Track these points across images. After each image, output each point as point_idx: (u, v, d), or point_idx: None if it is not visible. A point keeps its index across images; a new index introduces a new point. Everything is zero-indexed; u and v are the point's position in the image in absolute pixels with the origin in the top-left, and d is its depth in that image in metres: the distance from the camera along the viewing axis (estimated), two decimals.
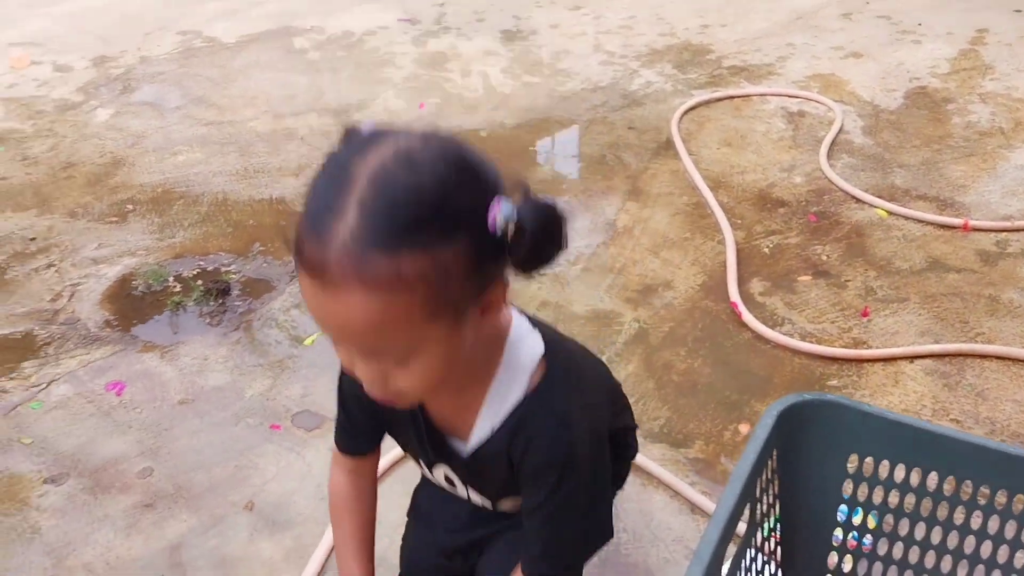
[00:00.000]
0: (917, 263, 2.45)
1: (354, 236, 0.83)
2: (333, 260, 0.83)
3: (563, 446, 1.06)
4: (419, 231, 0.84)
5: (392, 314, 0.86)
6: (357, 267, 0.83)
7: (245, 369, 2.21)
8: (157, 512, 1.82)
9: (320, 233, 0.84)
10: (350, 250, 0.83)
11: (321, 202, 0.86)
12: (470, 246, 0.87)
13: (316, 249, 0.85)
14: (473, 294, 0.91)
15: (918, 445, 1.31)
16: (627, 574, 1.65)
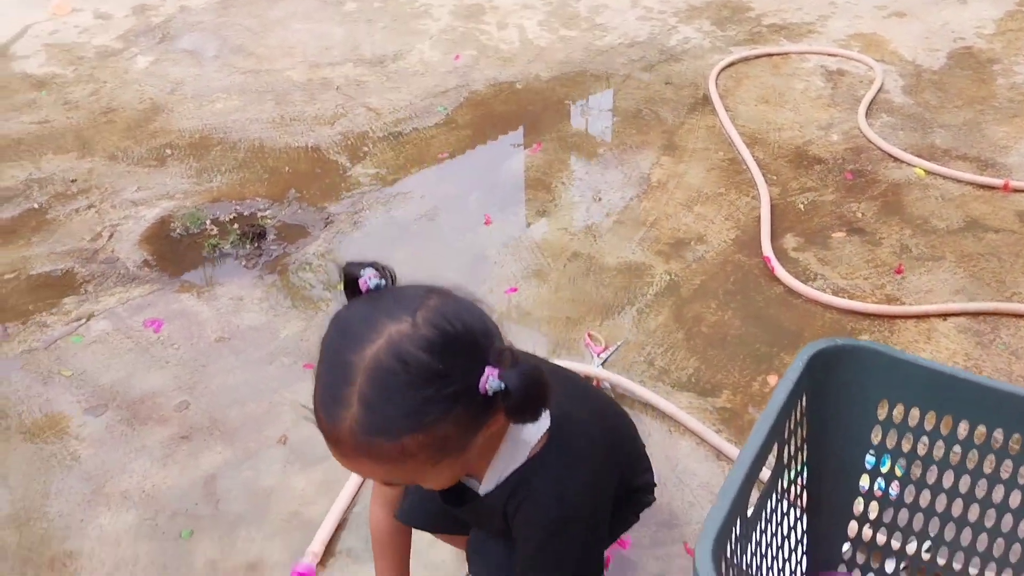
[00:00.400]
0: (955, 222, 2.43)
1: (361, 426, 0.96)
2: (344, 441, 0.98)
3: (552, 509, 1.15)
4: (416, 418, 0.96)
5: (401, 471, 1.01)
6: (365, 449, 0.97)
7: (280, 311, 2.24)
8: (193, 444, 1.87)
9: (330, 419, 0.98)
10: (358, 437, 0.97)
11: (328, 393, 0.99)
12: (464, 412, 0.99)
13: (329, 429, 0.99)
14: (474, 434, 1.02)
15: (950, 393, 1.31)
16: (650, 516, 1.67)
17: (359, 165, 2.78)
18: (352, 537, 1.65)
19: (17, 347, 2.15)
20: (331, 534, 1.64)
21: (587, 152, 2.87)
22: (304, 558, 1.58)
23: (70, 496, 1.76)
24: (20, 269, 2.42)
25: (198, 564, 1.62)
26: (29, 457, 1.85)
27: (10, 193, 2.76)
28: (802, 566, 1.46)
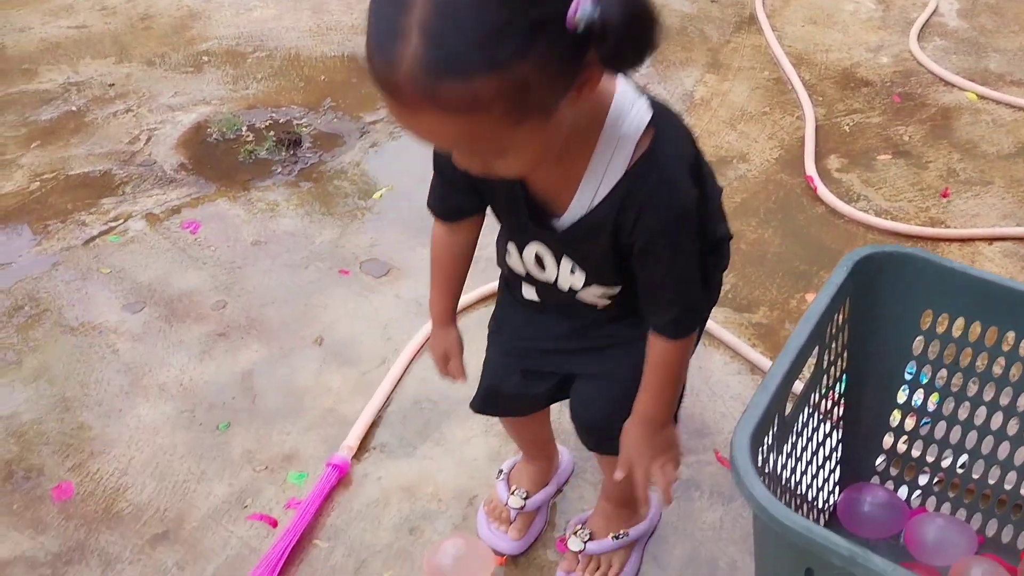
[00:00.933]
0: (1005, 147, 2.36)
1: (421, 64, 0.78)
2: (404, 85, 0.80)
3: (676, 210, 1.01)
4: (489, 51, 0.78)
5: (475, 131, 0.84)
6: (429, 95, 0.80)
7: (315, 217, 2.24)
8: (230, 341, 1.89)
9: (386, 58, 0.81)
10: (419, 78, 0.79)
11: (382, 28, 0.81)
12: (547, 53, 0.81)
13: (385, 72, 0.81)
14: (561, 91, 0.86)
15: (997, 303, 1.29)
16: (683, 425, 1.67)
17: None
18: (386, 434, 1.67)
19: (56, 244, 2.16)
20: (366, 430, 1.65)
21: None
22: (339, 451, 1.60)
23: (109, 387, 1.79)
24: (59, 170, 2.43)
25: (235, 454, 1.64)
26: (69, 349, 1.87)
27: (49, 96, 2.76)
28: (835, 475, 1.46)
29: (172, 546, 1.49)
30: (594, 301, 1.18)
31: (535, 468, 1.49)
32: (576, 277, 1.14)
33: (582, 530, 1.42)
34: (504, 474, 1.51)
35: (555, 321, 1.25)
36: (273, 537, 1.49)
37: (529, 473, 1.49)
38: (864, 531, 1.44)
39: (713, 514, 1.52)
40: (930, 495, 1.46)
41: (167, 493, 1.58)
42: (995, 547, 1.41)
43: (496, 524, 1.47)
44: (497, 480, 1.50)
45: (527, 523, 1.47)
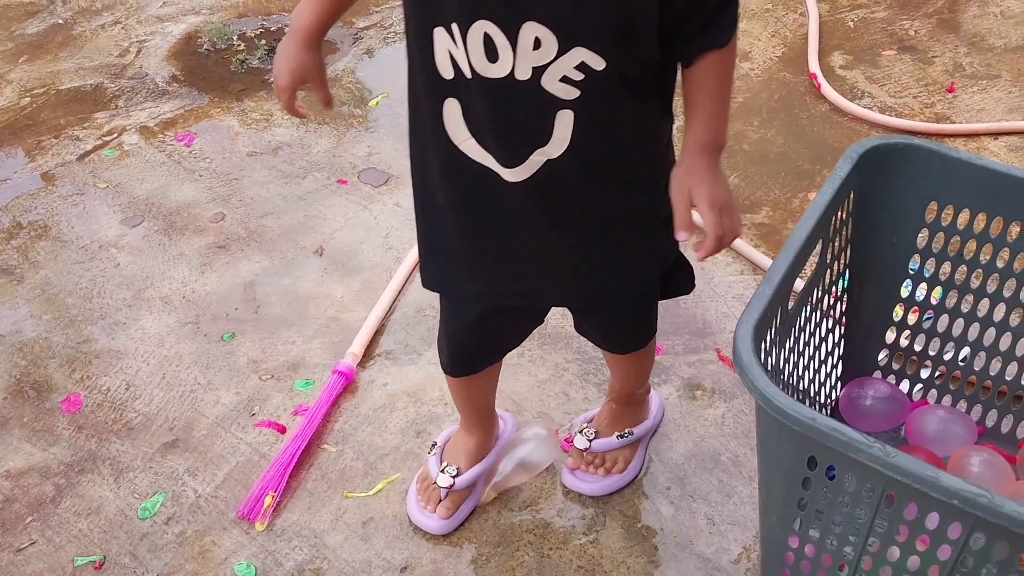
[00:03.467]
0: (1013, 40, 2.31)
1: None
2: None
3: None
4: None
5: None
6: None
7: (310, 127, 2.21)
8: (230, 253, 1.88)
9: None
10: None
11: None
12: None
13: None
14: None
15: (1004, 193, 1.27)
16: (683, 325, 1.68)
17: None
18: (390, 341, 1.67)
19: (52, 160, 2.14)
20: (370, 337, 1.66)
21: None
22: (344, 359, 1.61)
23: (112, 301, 1.79)
24: (49, 84, 2.39)
25: (241, 363, 1.66)
26: (69, 265, 1.87)
27: (34, 8, 2.70)
28: (837, 370, 1.47)
29: (183, 453, 1.51)
30: (560, 90, 0.95)
31: (472, 441, 1.39)
32: (544, 48, 0.92)
33: (588, 428, 1.43)
34: (438, 447, 1.41)
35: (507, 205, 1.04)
36: (282, 443, 1.51)
37: (465, 447, 1.39)
38: (866, 424, 1.45)
39: (715, 411, 1.54)
40: (931, 388, 1.48)
41: (175, 402, 1.60)
42: (994, 437, 1.43)
43: (425, 502, 1.38)
44: (429, 455, 1.41)
45: (457, 501, 1.38)
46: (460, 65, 0.95)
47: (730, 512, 1.39)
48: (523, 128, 0.98)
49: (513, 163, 1.00)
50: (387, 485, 1.45)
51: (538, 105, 0.96)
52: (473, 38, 0.93)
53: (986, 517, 0.89)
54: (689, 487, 1.43)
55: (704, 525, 1.38)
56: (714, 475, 1.44)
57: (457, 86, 0.97)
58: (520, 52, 0.92)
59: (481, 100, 0.97)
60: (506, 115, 0.97)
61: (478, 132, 1.00)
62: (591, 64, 0.93)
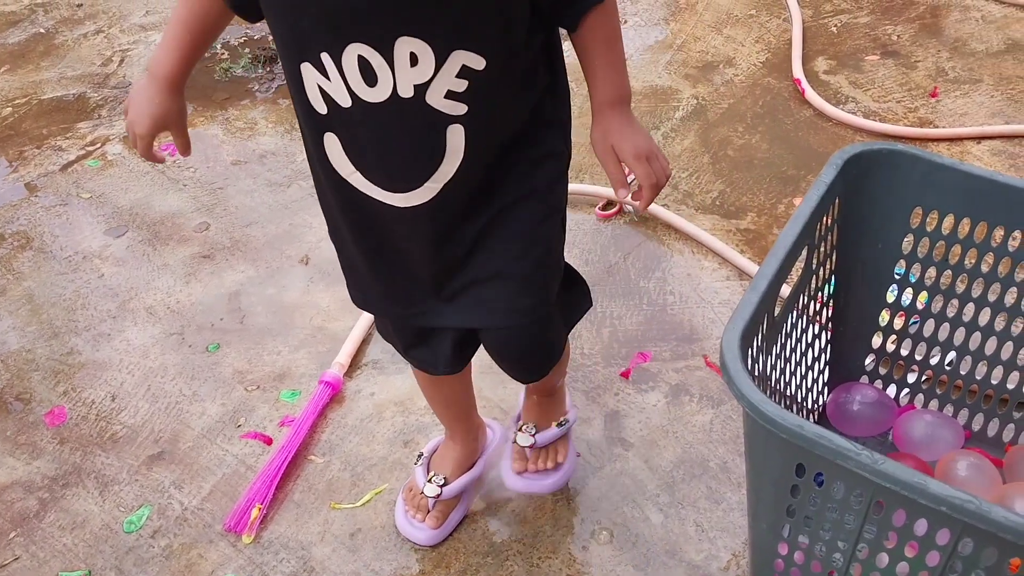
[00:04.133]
0: (995, 45, 2.33)
1: None
2: None
3: None
4: None
5: None
6: None
7: (295, 135, 2.20)
8: (215, 263, 1.87)
9: None
10: None
11: None
12: None
13: None
14: None
15: (986, 198, 1.27)
16: (670, 331, 1.68)
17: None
18: (377, 350, 1.67)
19: (34, 170, 2.13)
20: (356, 347, 1.65)
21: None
22: (331, 368, 1.60)
23: (96, 312, 1.78)
24: (32, 94, 2.37)
25: (226, 374, 1.64)
26: (53, 276, 1.86)
27: (15, 18, 2.68)
28: (824, 376, 1.47)
29: (168, 466, 1.50)
30: (447, 107, 0.94)
31: (458, 449, 1.38)
32: (422, 62, 0.90)
33: (526, 425, 1.39)
34: (424, 458, 1.39)
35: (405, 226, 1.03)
36: (268, 454, 1.50)
37: (452, 456, 1.37)
38: (853, 430, 1.46)
39: (703, 417, 1.54)
40: (918, 392, 1.48)
41: (160, 414, 1.58)
42: (981, 441, 1.44)
43: (413, 513, 1.37)
44: (415, 465, 1.39)
45: (446, 511, 1.37)
46: (334, 97, 0.93)
47: (719, 519, 1.39)
48: (414, 150, 0.97)
49: (407, 188, 0.99)
50: (375, 496, 1.44)
51: (427, 123, 0.94)
52: (348, 63, 0.90)
53: (974, 523, 0.89)
54: (678, 494, 1.43)
55: (693, 532, 1.38)
56: (703, 482, 1.44)
57: (333, 120, 0.96)
58: (399, 71, 0.90)
59: (365, 127, 0.95)
60: (395, 138, 0.95)
61: (363, 164, 0.98)
62: (472, 65, 0.92)
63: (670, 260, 1.83)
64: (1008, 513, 0.88)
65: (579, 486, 1.44)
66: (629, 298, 1.75)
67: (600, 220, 1.92)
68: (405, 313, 1.15)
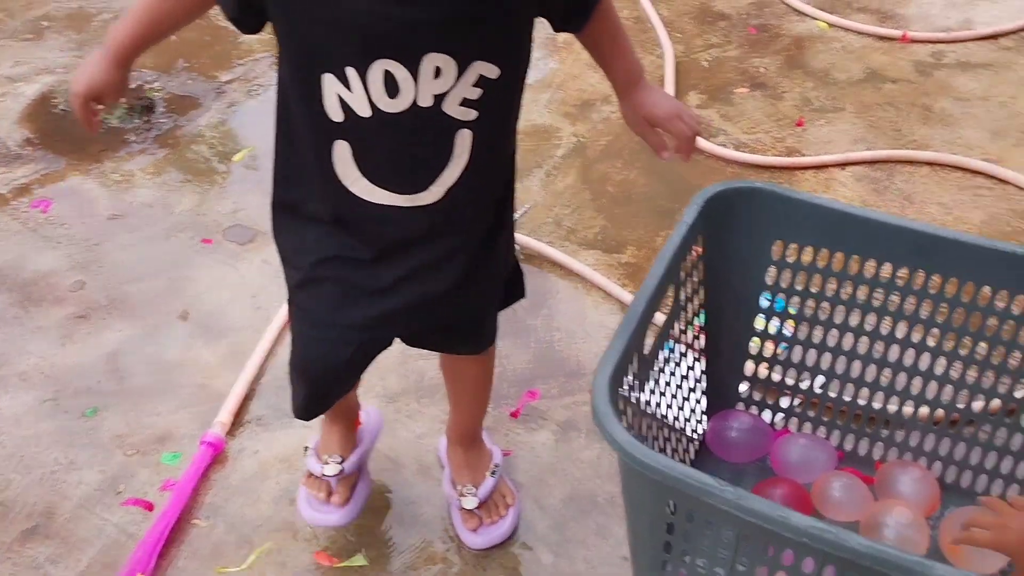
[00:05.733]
0: (855, 74, 2.45)
1: None
2: None
3: None
4: None
5: None
6: None
7: (173, 186, 2.16)
8: (91, 323, 1.81)
9: None
10: None
11: None
12: None
13: None
14: None
15: (841, 230, 1.34)
16: (560, 367, 1.70)
17: None
18: (261, 406, 1.64)
19: None
20: (239, 404, 1.62)
21: None
22: (212, 428, 1.57)
23: None
24: None
25: (105, 439, 1.59)
26: None
27: None
28: (701, 405, 1.51)
29: (44, 540, 1.44)
30: (460, 113, 1.00)
31: (340, 430, 1.41)
32: (445, 74, 0.96)
33: (464, 487, 1.42)
34: (311, 450, 1.42)
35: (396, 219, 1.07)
36: (150, 521, 1.45)
37: (337, 437, 1.41)
38: (732, 456, 1.50)
39: (591, 452, 1.56)
40: (792, 416, 1.53)
41: (34, 486, 1.52)
42: (854, 460, 1.50)
43: (318, 496, 1.40)
44: (306, 457, 1.42)
45: (349, 487, 1.41)
46: (352, 106, 0.97)
47: (608, 554, 1.41)
48: (425, 155, 1.03)
49: (413, 191, 1.05)
50: (261, 556, 1.41)
51: (439, 128, 1.01)
52: (374, 77, 0.95)
53: (834, 552, 0.93)
54: (568, 532, 1.44)
55: (584, 570, 1.39)
56: (592, 518, 1.46)
57: (348, 128, 0.99)
58: (422, 83, 0.96)
59: (381, 135, 1.00)
60: (409, 144, 1.01)
61: (372, 169, 1.03)
62: (487, 75, 0.99)
63: (556, 297, 1.86)
64: (864, 540, 0.92)
65: None
66: (517, 337, 1.77)
67: None
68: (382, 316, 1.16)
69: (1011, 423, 1.38)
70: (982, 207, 2.01)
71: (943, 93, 2.36)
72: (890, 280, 1.35)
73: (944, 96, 2.35)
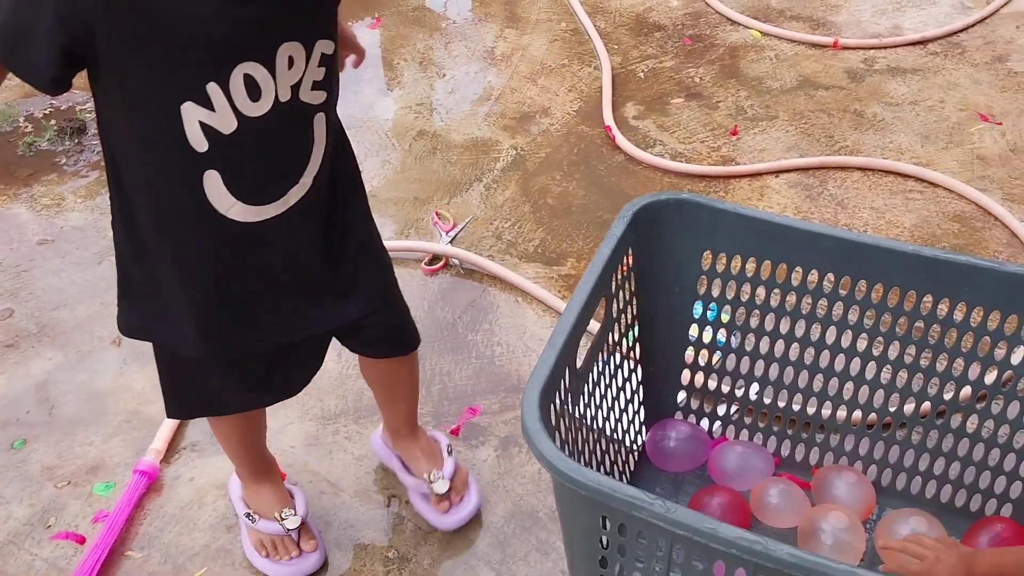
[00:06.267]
0: (788, 82, 2.48)
1: None
2: None
3: None
4: None
5: None
6: None
7: (105, 208, 2.09)
8: (20, 352, 1.77)
9: None
10: None
11: None
12: None
13: None
14: None
15: (767, 239, 1.35)
16: (501, 382, 1.70)
17: None
18: (196, 431, 1.61)
19: None
20: (174, 430, 1.59)
21: (429, 26, 2.79)
22: (146, 456, 1.53)
23: None
24: None
25: (34, 472, 1.55)
26: None
27: None
28: (640, 416, 1.52)
29: None
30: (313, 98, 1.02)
31: (275, 484, 1.40)
32: (296, 62, 0.98)
33: (432, 473, 1.43)
34: (257, 517, 1.38)
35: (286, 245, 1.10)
36: (81, 554, 1.42)
37: (274, 492, 1.39)
38: (672, 465, 1.50)
39: (532, 467, 1.55)
40: (730, 424, 1.54)
41: None
42: (791, 466, 1.51)
43: (287, 557, 1.37)
44: (254, 526, 1.37)
45: (308, 528, 1.40)
46: (218, 128, 0.96)
47: (549, 569, 1.40)
48: (291, 149, 1.04)
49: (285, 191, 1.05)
50: None
51: (300, 118, 1.03)
52: (236, 85, 0.95)
53: (763, 562, 0.93)
54: (509, 550, 1.43)
55: None
56: (533, 534, 1.45)
57: (214, 154, 0.98)
58: (279, 77, 0.97)
59: (247, 146, 0.99)
60: (275, 143, 1.01)
61: (244, 188, 1.01)
62: (327, 52, 1.01)
63: (496, 311, 1.85)
64: (791, 550, 0.92)
65: (411, 554, 1.43)
66: (458, 353, 1.76)
67: (427, 275, 1.93)
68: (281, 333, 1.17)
69: (942, 425, 1.40)
70: (913, 210, 2.05)
71: (874, 99, 2.40)
72: (818, 287, 1.37)
73: (875, 102, 2.39)
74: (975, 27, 2.66)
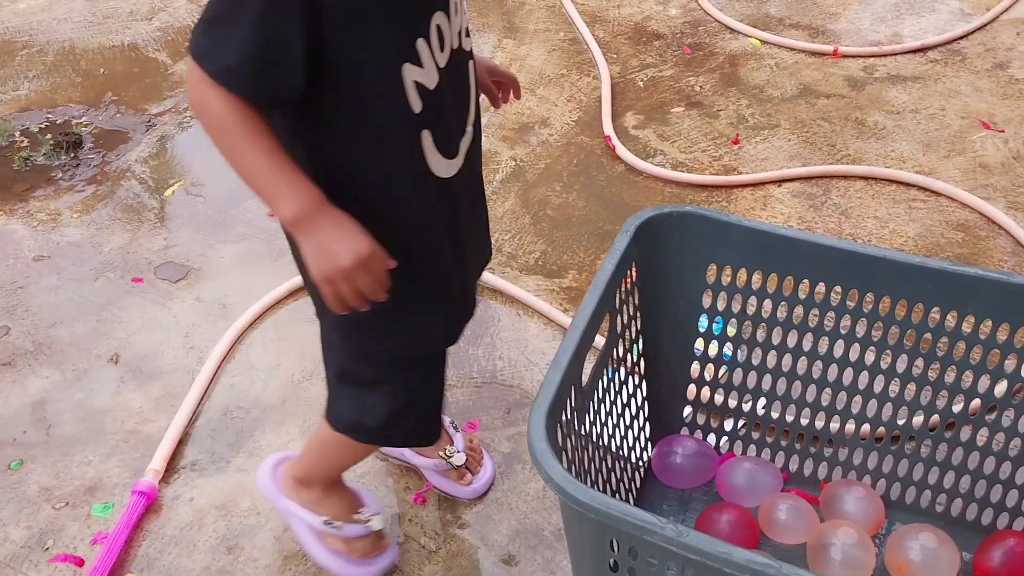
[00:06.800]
0: (788, 90, 2.47)
1: None
2: None
3: None
4: None
5: None
6: None
7: (102, 223, 2.10)
8: (16, 370, 1.75)
9: None
10: None
11: None
12: None
13: None
14: None
15: (772, 251, 1.33)
16: (503, 396, 1.68)
17: (182, 62, 2.60)
18: (195, 450, 1.59)
19: None
20: (172, 449, 1.57)
21: None
22: (145, 476, 1.51)
23: None
24: None
25: (31, 493, 1.53)
26: None
27: None
28: (645, 432, 1.50)
29: None
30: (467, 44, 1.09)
31: (341, 491, 1.38)
32: (460, 9, 1.05)
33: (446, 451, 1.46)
34: (340, 524, 1.35)
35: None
36: None
37: (346, 499, 1.37)
38: (678, 482, 1.48)
39: (536, 484, 1.53)
40: (737, 439, 1.52)
41: None
42: (799, 481, 1.49)
43: (370, 555, 1.37)
44: (340, 533, 1.34)
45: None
46: (427, 84, 0.99)
47: None
48: (464, 95, 1.08)
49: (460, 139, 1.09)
50: None
51: (463, 63, 1.07)
52: (433, 36, 1.00)
53: None
54: (515, 569, 1.41)
55: None
56: (539, 552, 1.43)
57: (426, 113, 1.00)
58: (454, 23, 1.02)
59: (447, 96, 1.03)
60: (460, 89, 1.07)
61: (446, 140, 1.05)
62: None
63: (498, 324, 1.83)
64: (805, 573, 0.90)
65: (415, 573, 1.41)
66: (460, 367, 1.74)
67: None
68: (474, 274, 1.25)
69: (951, 438, 1.38)
70: (916, 219, 2.04)
71: (875, 107, 2.39)
72: (825, 299, 1.35)
73: (876, 110, 2.38)
74: (975, 34, 2.65)
